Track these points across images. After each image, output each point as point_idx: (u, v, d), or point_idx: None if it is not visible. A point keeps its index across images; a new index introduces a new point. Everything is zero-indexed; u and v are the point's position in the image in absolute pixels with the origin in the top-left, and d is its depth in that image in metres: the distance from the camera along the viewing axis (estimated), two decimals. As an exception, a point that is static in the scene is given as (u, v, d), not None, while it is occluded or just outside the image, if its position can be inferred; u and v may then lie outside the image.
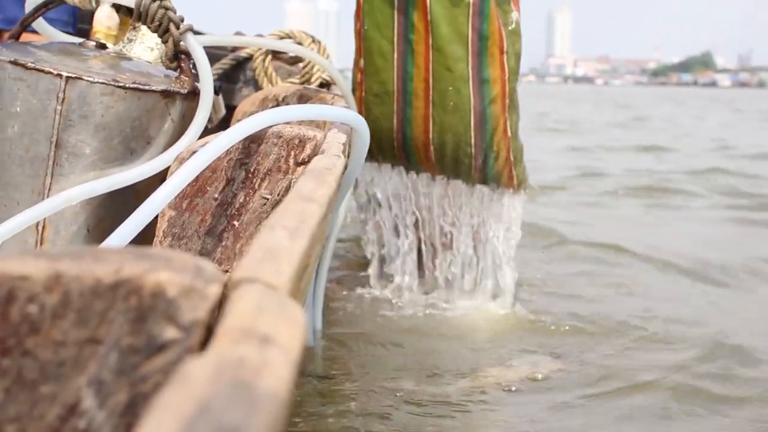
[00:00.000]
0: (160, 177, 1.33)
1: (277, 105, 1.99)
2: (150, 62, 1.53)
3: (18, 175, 1.31)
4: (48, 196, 1.30)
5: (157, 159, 1.30)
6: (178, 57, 1.39)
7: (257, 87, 2.27)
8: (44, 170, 1.30)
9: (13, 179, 1.32)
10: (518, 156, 2.28)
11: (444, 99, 2.18)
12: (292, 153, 1.15)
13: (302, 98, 1.98)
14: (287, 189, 1.16)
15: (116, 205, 1.35)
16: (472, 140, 2.17)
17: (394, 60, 2.18)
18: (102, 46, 1.44)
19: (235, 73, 2.35)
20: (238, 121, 1.99)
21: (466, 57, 2.16)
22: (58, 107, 1.29)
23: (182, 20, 1.39)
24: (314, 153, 1.14)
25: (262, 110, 2.01)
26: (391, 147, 2.27)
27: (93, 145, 1.30)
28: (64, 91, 1.28)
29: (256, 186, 1.17)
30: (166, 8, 1.38)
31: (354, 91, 2.23)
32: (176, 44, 1.38)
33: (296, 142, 1.15)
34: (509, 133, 2.23)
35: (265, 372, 0.31)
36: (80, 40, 1.58)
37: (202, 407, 0.27)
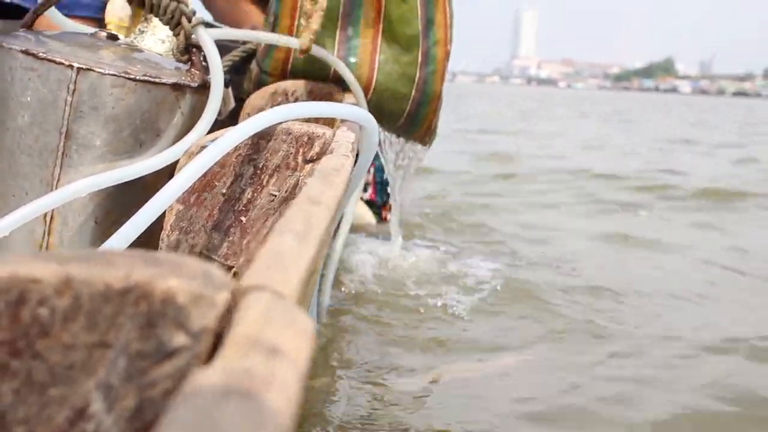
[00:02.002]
0: (169, 169, 1.33)
1: (287, 99, 2.00)
2: (161, 54, 1.53)
3: (27, 165, 1.32)
4: (57, 187, 1.31)
5: (167, 152, 1.30)
6: (189, 50, 1.40)
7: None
8: (53, 161, 1.31)
9: (22, 169, 1.32)
10: (440, 109, 2.26)
11: (394, 30, 2.12)
12: (301, 150, 1.15)
13: (312, 93, 1.98)
14: (295, 186, 1.16)
15: (124, 197, 1.35)
16: (416, 77, 2.14)
17: None
18: (114, 38, 1.44)
19: (245, 65, 2.35)
20: (248, 114, 1.99)
21: None
22: (69, 98, 1.29)
23: (194, 13, 1.39)
24: (323, 151, 1.14)
25: (272, 104, 2.03)
26: (325, 78, 2.05)
27: (103, 136, 1.30)
28: (74, 82, 1.29)
29: (264, 182, 1.17)
30: (179, 1, 1.38)
31: (279, 19, 2.04)
32: (187, 37, 1.38)
33: (305, 139, 1.15)
34: (443, 80, 2.22)
35: (272, 385, 0.32)
36: (92, 30, 1.59)
37: (210, 422, 0.27)
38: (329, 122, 1.44)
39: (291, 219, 0.56)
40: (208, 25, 1.50)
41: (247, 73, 2.20)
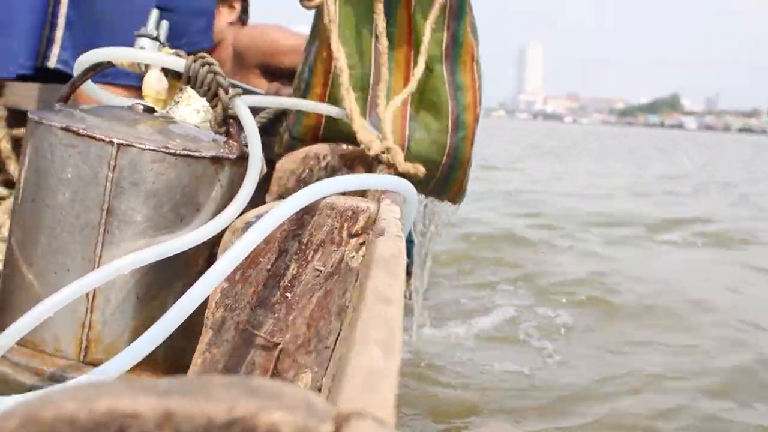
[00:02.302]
0: (209, 242, 1.33)
1: (318, 163, 2.00)
2: (196, 125, 1.54)
3: (69, 242, 1.31)
4: (99, 264, 1.30)
5: (207, 226, 1.30)
6: (226, 122, 1.40)
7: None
8: (95, 237, 1.30)
9: (63, 246, 1.32)
10: (469, 169, 2.25)
11: (423, 99, 2.13)
12: (345, 225, 1.14)
13: (343, 157, 1.98)
14: (340, 261, 1.15)
15: (164, 272, 1.35)
16: (447, 144, 2.13)
17: (372, 55, 2.08)
18: (150, 110, 1.45)
19: (274, 127, 2.36)
20: (280, 179, 1.99)
21: (441, 59, 2.13)
22: (110, 174, 1.29)
23: (231, 85, 1.40)
24: (367, 225, 1.13)
25: (304, 168, 2.03)
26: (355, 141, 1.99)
27: (143, 212, 1.30)
28: (115, 158, 1.29)
29: (309, 257, 1.16)
30: (215, 73, 1.38)
31: (311, 87, 2.07)
32: (225, 109, 1.38)
33: (349, 213, 1.14)
34: (473, 144, 2.21)
35: None
36: (128, 102, 1.60)
37: None
38: (367, 192, 1.43)
39: (370, 325, 0.54)
40: (240, 87, 1.51)
41: (276, 136, 2.21)
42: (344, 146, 2.01)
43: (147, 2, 2.03)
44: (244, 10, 3.82)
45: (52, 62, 1.97)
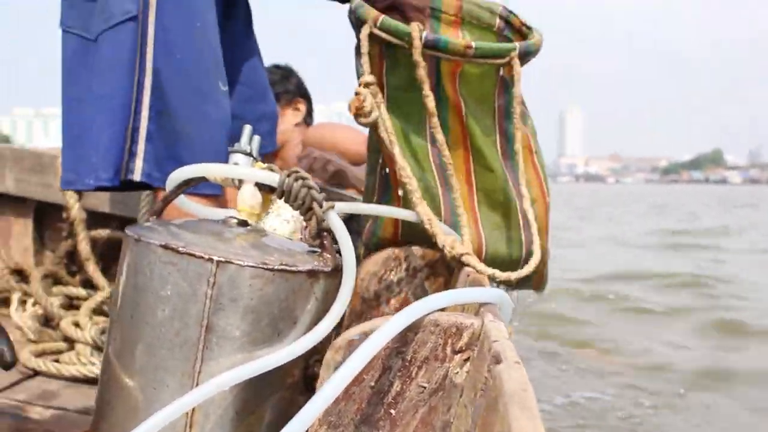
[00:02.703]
0: (304, 356, 1.33)
1: (399, 265, 2.00)
2: (287, 236, 1.56)
3: (168, 358, 1.33)
4: (198, 380, 1.31)
5: (304, 339, 1.30)
6: (320, 235, 1.41)
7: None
8: (194, 354, 1.31)
9: (162, 363, 1.33)
10: (547, 257, 2.23)
11: (490, 199, 2.13)
12: (449, 341, 1.14)
13: (424, 258, 1.99)
14: (444, 377, 1.15)
15: (261, 386, 1.35)
16: (523, 239, 2.12)
17: (431, 164, 2.09)
18: (244, 223, 1.47)
19: (349, 225, 2.38)
20: (362, 280, 2.00)
21: (499, 158, 2.13)
22: (209, 291, 1.31)
23: (324, 198, 1.42)
24: (471, 341, 1.13)
25: (386, 270, 2.03)
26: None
27: (242, 328, 1.31)
28: (214, 275, 1.30)
29: (413, 374, 1.16)
30: (309, 187, 1.40)
31: (391, 195, 2.09)
32: (320, 223, 1.40)
33: (453, 330, 1.14)
34: (548, 234, 2.20)
35: None
36: (221, 213, 1.63)
37: None
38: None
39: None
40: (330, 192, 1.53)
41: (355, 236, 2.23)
42: (425, 249, 2.02)
43: (222, 115, 2.08)
44: (309, 113, 3.94)
45: (137, 175, 2.02)
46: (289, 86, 3.94)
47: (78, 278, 3.22)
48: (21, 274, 3.37)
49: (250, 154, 1.50)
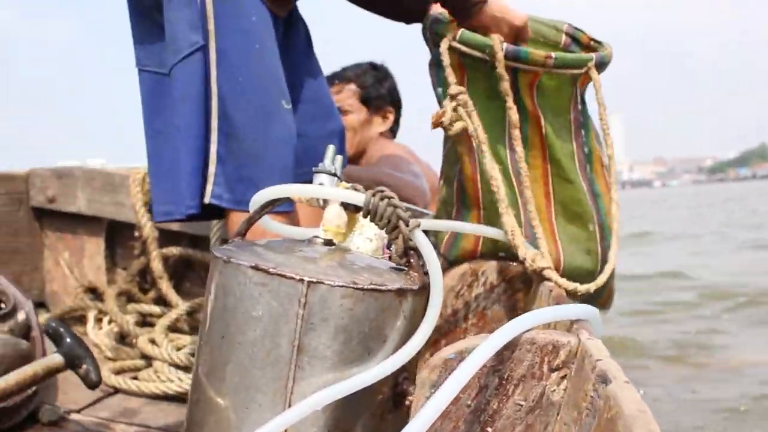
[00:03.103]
0: (394, 373, 1.34)
1: (476, 280, 2.00)
2: (370, 254, 1.57)
3: (260, 378, 1.34)
4: (290, 399, 1.33)
5: (394, 357, 1.31)
6: (407, 253, 1.42)
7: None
8: (286, 373, 1.33)
9: (254, 382, 1.34)
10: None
11: (567, 210, 2.12)
12: (546, 359, 1.14)
13: (502, 273, 1.98)
14: (541, 395, 1.15)
15: (352, 404, 1.36)
16: (599, 251, 2.10)
17: (512, 176, 2.10)
18: (329, 242, 1.49)
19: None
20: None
21: (577, 170, 2.12)
22: (300, 311, 1.32)
23: (410, 216, 1.42)
24: (568, 359, 1.13)
25: (462, 285, 2.04)
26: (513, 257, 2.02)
27: (333, 347, 1.32)
28: (305, 295, 1.32)
29: (510, 392, 1.16)
30: (395, 206, 1.41)
31: (470, 206, 2.12)
32: (406, 241, 1.41)
33: (550, 348, 1.14)
34: (618, 248, 2.18)
35: None
36: (305, 233, 1.65)
37: None
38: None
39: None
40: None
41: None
42: (501, 263, 2.02)
43: (287, 133, 2.11)
44: (396, 121, 3.80)
45: (207, 198, 2.06)
46: (381, 90, 3.74)
47: (150, 295, 3.27)
48: (94, 292, 3.43)
49: (334, 174, 1.51)
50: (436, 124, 1.95)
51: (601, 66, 2.05)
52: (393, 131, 3.81)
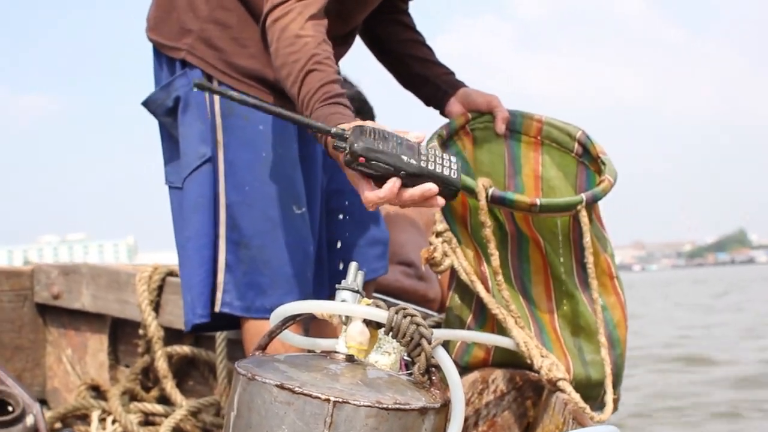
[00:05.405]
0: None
1: (486, 387, 2.02)
2: (388, 368, 1.59)
3: (285, 497, 1.35)
4: None
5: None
6: (429, 371, 1.45)
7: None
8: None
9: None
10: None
11: (572, 323, 2.15)
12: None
13: (512, 381, 2.01)
14: None
15: None
16: (604, 363, 2.11)
17: (517, 292, 2.14)
18: (350, 358, 1.51)
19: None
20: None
21: (577, 285, 2.15)
22: (325, 431, 1.34)
23: (432, 334, 1.45)
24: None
25: (473, 393, 2.06)
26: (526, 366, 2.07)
27: (356, 466, 1.34)
28: (331, 415, 1.34)
29: None
30: (418, 324, 1.44)
31: (487, 319, 2.14)
32: (428, 359, 1.43)
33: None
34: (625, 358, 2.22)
35: None
36: (323, 344, 1.67)
37: None
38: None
39: None
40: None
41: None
42: (512, 371, 2.04)
43: (296, 238, 2.15)
44: None
45: (217, 306, 2.10)
46: None
47: (153, 394, 3.25)
48: (97, 390, 3.41)
49: (357, 291, 1.54)
50: (427, 260, 2.04)
51: (594, 202, 2.09)
52: None
